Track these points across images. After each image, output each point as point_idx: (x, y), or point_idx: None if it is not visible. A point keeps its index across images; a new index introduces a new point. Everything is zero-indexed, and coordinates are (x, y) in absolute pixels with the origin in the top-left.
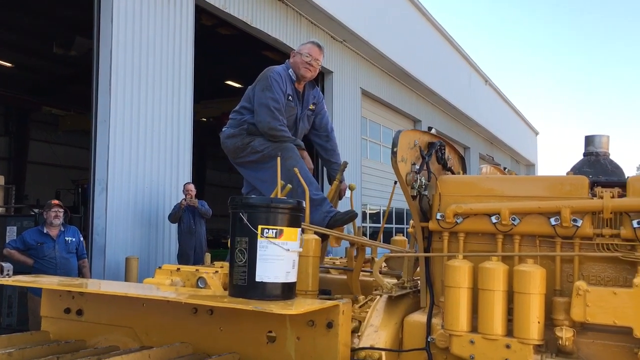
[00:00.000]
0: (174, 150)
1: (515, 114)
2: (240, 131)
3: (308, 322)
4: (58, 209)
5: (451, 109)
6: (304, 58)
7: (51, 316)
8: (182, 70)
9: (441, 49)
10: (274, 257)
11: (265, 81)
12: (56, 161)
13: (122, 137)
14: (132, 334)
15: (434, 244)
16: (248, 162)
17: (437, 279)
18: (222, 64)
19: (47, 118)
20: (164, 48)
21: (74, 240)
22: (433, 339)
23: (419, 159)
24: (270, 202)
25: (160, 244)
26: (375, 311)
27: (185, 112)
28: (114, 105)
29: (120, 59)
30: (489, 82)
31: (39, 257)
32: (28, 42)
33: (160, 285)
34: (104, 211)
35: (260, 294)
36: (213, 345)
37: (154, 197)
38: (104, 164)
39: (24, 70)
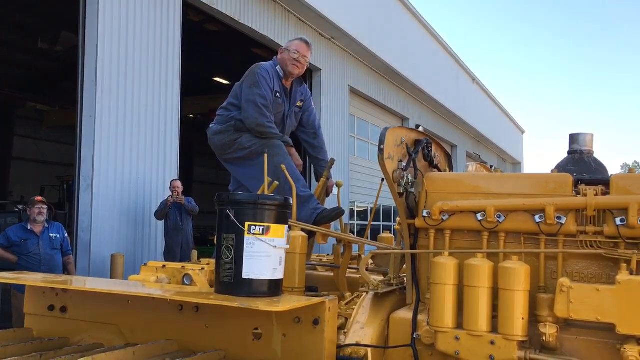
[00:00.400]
0: (161, 147)
1: (502, 112)
2: (228, 127)
3: (294, 319)
4: (42, 206)
5: (439, 107)
6: (291, 55)
7: (35, 313)
8: (169, 66)
9: (429, 47)
10: (261, 254)
11: (252, 77)
12: (41, 157)
13: (107, 133)
14: (117, 332)
15: (420, 241)
16: (235, 159)
17: (423, 275)
18: (209, 60)
19: (32, 114)
20: (150, 44)
21: (58, 236)
22: (419, 336)
23: (406, 157)
24: (257, 198)
25: (147, 241)
26: (361, 308)
27: (172, 109)
28: (100, 101)
29: (107, 54)
30: (476, 80)
31: (22, 254)
32: (13, 37)
33: (145, 282)
34: (89, 207)
35: (246, 291)
36: (199, 342)
37: (140, 194)
38: (89, 160)
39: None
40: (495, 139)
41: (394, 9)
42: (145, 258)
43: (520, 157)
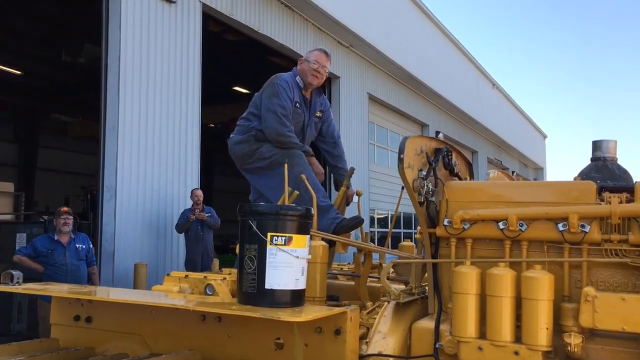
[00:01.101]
0: (182, 156)
1: (524, 117)
2: (248, 137)
3: (316, 328)
4: (67, 216)
5: (459, 113)
6: (311, 65)
7: (61, 323)
8: (190, 77)
9: (448, 53)
10: (284, 265)
11: (272, 88)
12: (65, 168)
13: (130, 143)
14: (141, 341)
15: (442, 250)
16: (255, 169)
17: (444, 285)
18: (229, 70)
19: (56, 125)
20: (171, 54)
21: (84, 247)
22: (441, 346)
23: (426, 165)
24: (279, 209)
25: (169, 251)
26: (383, 317)
27: (193, 118)
28: (122, 112)
29: (129, 65)
30: (496, 85)
31: (49, 264)
32: (37, 50)
33: (168, 292)
34: (112, 217)
35: (269, 301)
36: (221, 352)
37: (162, 203)
38: (112, 171)
39: (33, 77)
40: (516, 145)
41: (412, 15)
42: (167, 267)
43: (542, 162)
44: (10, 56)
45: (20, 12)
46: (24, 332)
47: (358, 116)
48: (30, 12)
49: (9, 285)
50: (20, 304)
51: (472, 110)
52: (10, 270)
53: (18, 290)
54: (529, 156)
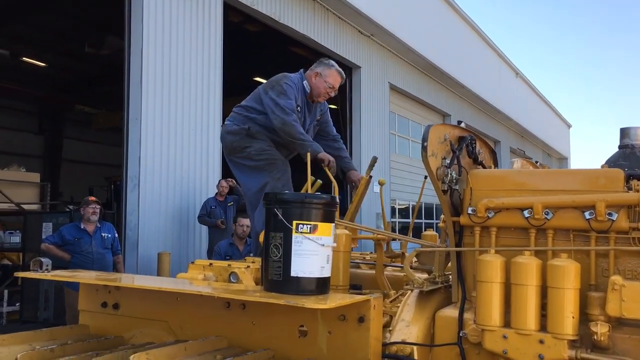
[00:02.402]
0: (204, 147)
1: (547, 106)
2: (240, 130)
3: (339, 316)
4: (95, 206)
5: (481, 102)
6: (327, 87)
7: (88, 310)
8: (212, 68)
9: (470, 41)
10: (309, 252)
11: (279, 87)
12: (89, 159)
13: (153, 134)
14: (167, 328)
15: (465, 239)
16: (240, 164)
17: (468, 273)
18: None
19: (80, 116)
20: (193, 45)
21: (109, 236)
22: (465, 334)
23: (450, 154)
24: (304, 197)
25: (192, 239)
26: (406, 306)
27: (215, 109)
28: (145, 103)
29: (151, 57)
30: (519, 74)
31: (76, 252)
32: (60, 43)
33: (193, 280)
34: (136, 207)
35: (294, 289)
36: (245, 339)
37: (185, 193)
38: (135, 161)
39: (57, 70)
40: (540, 134)
41: (433, 3)
42: (190, 256)
43: (567, 152)
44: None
45: (44, 6)
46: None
47: (379, 106)
48: (53, 6)
49: (38, 272)
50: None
51: (494, 99)
52: (39, 258)
53: (47, 277)
54: (553, 146)
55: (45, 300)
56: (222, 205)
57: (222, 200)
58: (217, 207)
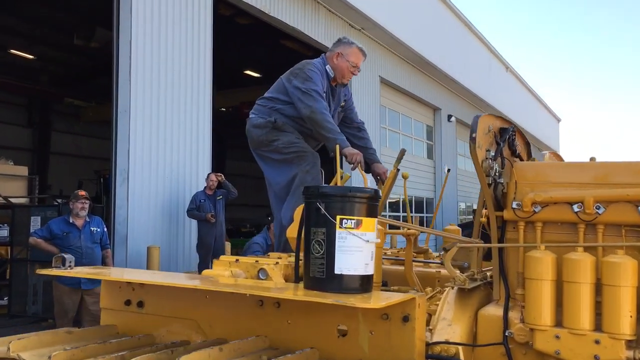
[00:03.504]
0: (194, 140)
1: (537, 100)
2: (267, 123)
3: (382, 315)
4: (85, 200)
5: (471, 96)
6: (350, 67)
7: (111, 308)
8: (201, 60)
9: (460, 35)
10: (354, 249)
11: (304, 74)
12: (78, 152)
13: (142, 127)
14: (195, 326)
15: (508, 234)
16: (268, 158)
17: (511, 270)
18: (240, 53)
19: (69, 109)
20: (182, 38)
21: (98, 230)
22: (511, 333)
23: (493, 145)
24: (349, 191)
25: (181, 233)
26: (446, 304)
27: (205, 102)
28: (134, 96)
29: (140, 49)
30: (509, 68)
31: (64, 247)
32: (49, 35)
33: (219, 276)
34: (125, 201)
35: (338, 287)
36: (280, 339)
37: (174, 187)
38: (124, 154)
39: (45, 62)
40: (530, 128)
41: None
42: (180, 250)
43: (556, 146)
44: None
45: None
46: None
47: (370, 100)
48: None
49: (60, 269)
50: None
51: (484, 93)
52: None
53: (70, 274)
54: (543, 140)
55: (34, 294)
56: (211, 199)
57: (211, 194)
58: (207, 201)
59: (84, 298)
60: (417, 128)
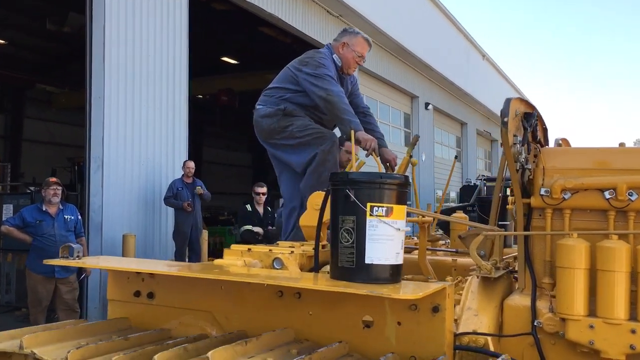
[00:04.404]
0: (170, 127)
1: (513, 89)
2: (277, 112)
3: (410, 306)
4: (56, 187)
5: (448, 84)
6: (356, 57)
7: (119, 299)
8: (177, 46)
9: (438, 24)
10: (385, 237)
11: (315, 62)
12: (52, 139)
13: (117, 113)
14: (210, 318)
15: (534, 222)
16: (282, 145)
17: (537, 258)
18: (217, 40)
19: (42, 96)
20: (157, 24)
21: (72, 218)
22: (540, 323)
23: (519, 130)
24: (380, 177)
25: (157, 221)
26: (470, 293)
27: (182, 88)
28: (108, 82)
29: (114, 34)
30: (486, 57)
31: (37, 235)
32: (21, 19)
33: (232, 266)
34: (100, 188)
35: (367, 277)
36: (301, 330)
37: (150, 174)
38: (99, 141)
39: (17, 47)
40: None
41: None
42: (156, 238)
43: None
44: None
45: None
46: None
47: None
48: None
49: (69, 259)
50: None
51: (462, 82)
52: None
53: (78, 264)
54: None
55: (7, 283)
56: (189, 187)
57: (189, 182)
58: (184, 189)
59: (58, 287)
60: (395, 116)
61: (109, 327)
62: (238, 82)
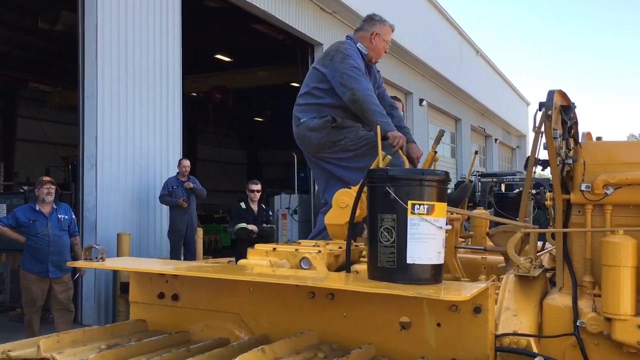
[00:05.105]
0: (164, 125)
1: (507, 84)
2: (325, 124)
3: (451, 307)
4: (50, 186)
5: (442, 80)
6: (386, 46)
7: (142, 302)
8: (170, 43)
9: (432, 19)
10: (427, 236)
11: (341, 53)
12: (45, 138)
13: (110, 112)
14: (238, 320)
15: (573, 218)
16: (334, 159)
17: (576, 256)
18: (210, 37)
19: (35, 95)
20: (150, 22)
21: (66, 217)
22: (583, 323)
23: (558, 123)
24: (422, 173)
25: (152, 220)
26: (507, 293)
27: (175, 86)
28: (101, 80)
29: (106, 32)
30: (480, 52)
31: (31, 235)
32: (13, 18)
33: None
34: (94, 188)
35: (408, 277)
36: (333, 332)
37: (144, 173)
38: (92, 140)
39: (10, 46)
40: (499, 112)
41: None
42: (151, 237)
43: (525, 129)
44: None
45: None
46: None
47: None
48: None
49: (93, 261)
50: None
51: (455, 78)
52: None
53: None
54: (512, 123)
55: (1, 283)
56: (182, 185)
57: (184, 180)
58: (179, 187)
59: (52, 286)
60: None
61: (127, 329)
62: (232, 79)
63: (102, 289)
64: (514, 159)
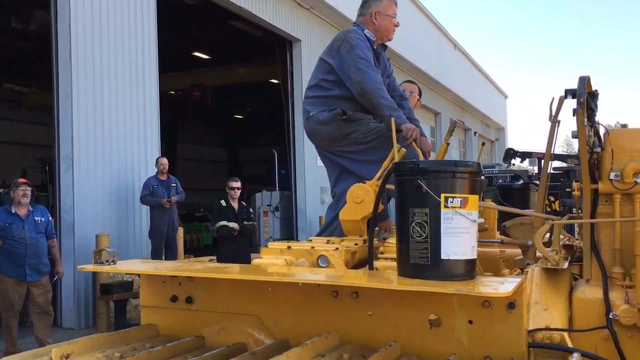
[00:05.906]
0: (141, 124)
1: (485, 78)
2: (335, 117)
3: (484, 302)
4: (26, 188)
5: (421, 74)
6: (392, 21)
7: (154, 305)
8: (146, 42)
9: (409, 14)
10: (461, 230)
11: (348, 42)
12: (21, 139)
13: (85, 112)
14: (257, 323)
15: (600, 208)
16: (346, 152)
17: (604, 247)
18: (187, 35)
19: (9, 95)
20: (125, 19)
21: (43, 219)
22: (616, 316)
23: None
24: (454, 165)
25: (132, 220)
26: (534, 286)
27: (152, 84)
28: (76, 80)
29: (80, 30)
30: (458, 46)
31: (7, 238)
32: None
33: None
34: (71, 189)
35: (442, 274)
36: (358, 332)
37: (122, 172)
38: (68, 141)
39: None
40: (478, 105)
41: None
42: (130, 237)
43: (504, 122)
44: None
45: None
46: None
47: None
48: None
49: (104, 265)
50: None
51: (434, 71)
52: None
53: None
54: (491, 116)
55: None
56: (164, 184)
57: (164, 180)
58: (160, 186)
59: (30, 290)
60: None
61: (139, 335)
62: (210, 76)
63: (82, 291)
64: (493, 152)
